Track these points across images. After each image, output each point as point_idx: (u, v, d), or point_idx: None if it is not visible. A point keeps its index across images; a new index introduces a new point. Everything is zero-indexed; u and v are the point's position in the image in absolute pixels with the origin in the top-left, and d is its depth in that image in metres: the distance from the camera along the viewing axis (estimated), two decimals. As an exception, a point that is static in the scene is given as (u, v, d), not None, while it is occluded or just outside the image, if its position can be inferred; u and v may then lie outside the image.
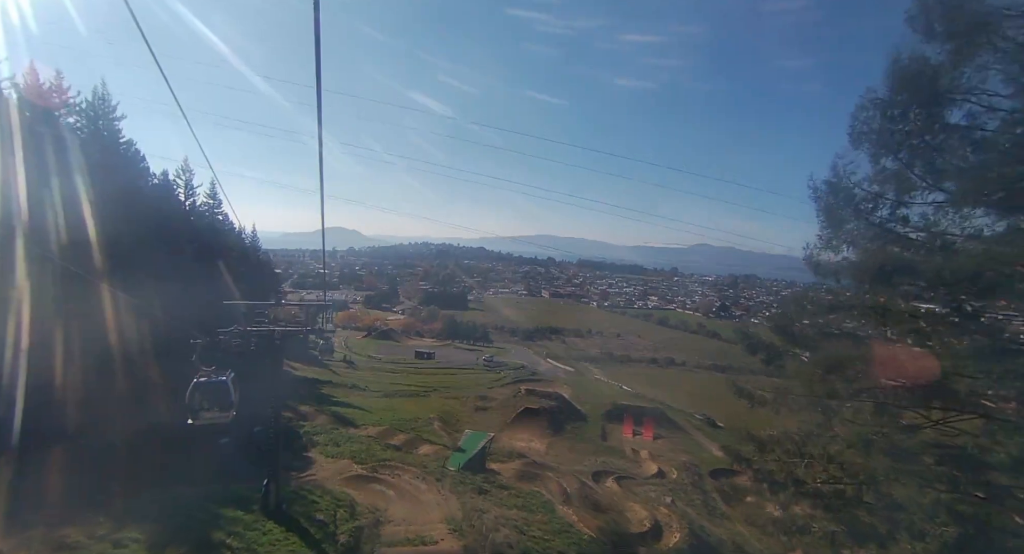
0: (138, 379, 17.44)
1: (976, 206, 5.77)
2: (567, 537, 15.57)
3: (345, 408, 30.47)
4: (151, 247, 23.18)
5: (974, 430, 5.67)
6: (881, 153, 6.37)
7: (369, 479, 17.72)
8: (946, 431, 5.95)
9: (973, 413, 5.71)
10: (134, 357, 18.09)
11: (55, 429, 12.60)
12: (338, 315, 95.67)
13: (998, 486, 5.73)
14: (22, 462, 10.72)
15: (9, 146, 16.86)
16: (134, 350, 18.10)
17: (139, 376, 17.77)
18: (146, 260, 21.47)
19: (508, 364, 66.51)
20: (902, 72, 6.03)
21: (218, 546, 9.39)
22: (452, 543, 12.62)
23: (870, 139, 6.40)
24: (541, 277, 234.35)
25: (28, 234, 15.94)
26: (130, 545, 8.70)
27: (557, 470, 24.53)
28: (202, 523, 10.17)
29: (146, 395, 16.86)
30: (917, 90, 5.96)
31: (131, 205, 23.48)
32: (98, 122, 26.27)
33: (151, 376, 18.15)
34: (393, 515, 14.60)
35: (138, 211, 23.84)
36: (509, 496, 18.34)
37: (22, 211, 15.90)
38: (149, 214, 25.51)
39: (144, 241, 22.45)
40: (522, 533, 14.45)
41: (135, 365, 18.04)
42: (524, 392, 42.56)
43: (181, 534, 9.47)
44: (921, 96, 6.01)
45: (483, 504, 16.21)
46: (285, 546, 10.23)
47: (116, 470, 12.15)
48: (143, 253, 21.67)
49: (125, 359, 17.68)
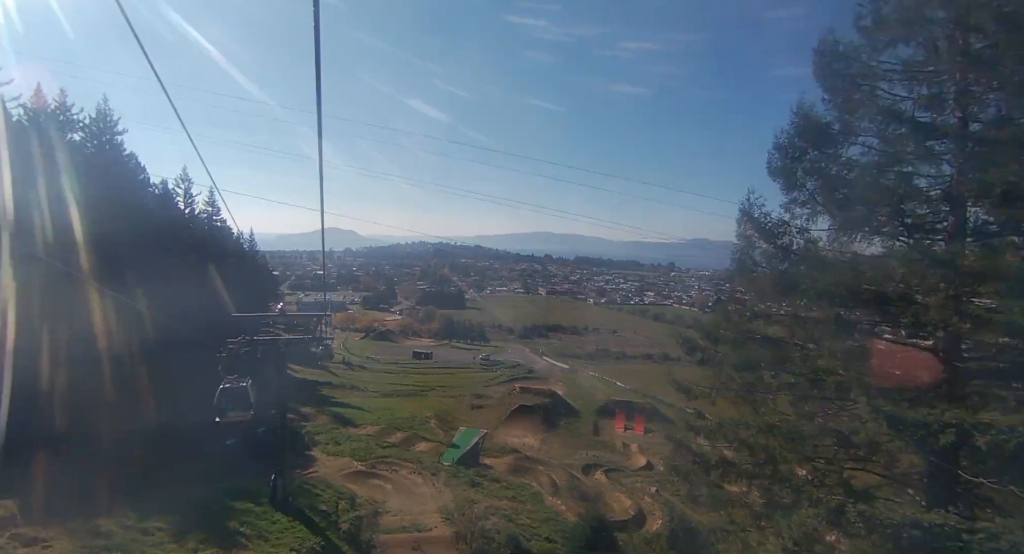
0: (151, 381, 18.54)
1: (855, 232, 6.95)
2: (553, 524, 16.78)
3: (345, 408, 31.61)
4: (156, 255, 24.27)
5: (856, 416, 6.84)
6: (788, 186, 7.56)
7: (368, 474, 18.91)
8: (838, 418, 7.14)
9: (848, 402, 6.92)
10: (144, 360, 19.24)
11: (79, 430, 13.70)
12: (336, 317, 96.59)
13: (861, 458, 7.03)
14: (51, 461, 11.83)
15: (21, 164, 17.89)
16: (144, 353, 19.26)
17: (151, 378, 18.87)
18: (152, 268, 22.54)
19: (504, 363, 67.66)
20: (802, 120, 7.22)
21: (233, 534, 10.55)
22: (444, 530, 13.83)
23: (780, 173, 7.58)
24: (538, 275, 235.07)
25: (45, 245, 17.06)
26: (156, 533, 9.85)
27: (548, 464, 25.76)
28: (217, 515, 11.32)
29: (159, 397, 17.95)
30: (812, 136, 7.16)
31: (135, 216, 24.65)
32: (102, 137, 27.34)
33: (162, 378, 19.26)
34: (391, 507, 15.80)
35: (141, 221, 24.99)
36: (500, 488, 19.56)
37: (39, 223, 17.05)
38: (152, 223, 26.66)
39: (148, 249, 23.56)
40: (510, 521, 15.64)
41: (147, 367, 19.18)
42: (519, 390, 43.77)
43: (200, 524, 10.62)
44: (815, 140, 7.20)
45: (475, 495, 17.41)
46: (292, 534, 11.40)
47: (134, 469, 13.27)
48: (148, 261, 22.76)
49: (136, 362, 18.85)
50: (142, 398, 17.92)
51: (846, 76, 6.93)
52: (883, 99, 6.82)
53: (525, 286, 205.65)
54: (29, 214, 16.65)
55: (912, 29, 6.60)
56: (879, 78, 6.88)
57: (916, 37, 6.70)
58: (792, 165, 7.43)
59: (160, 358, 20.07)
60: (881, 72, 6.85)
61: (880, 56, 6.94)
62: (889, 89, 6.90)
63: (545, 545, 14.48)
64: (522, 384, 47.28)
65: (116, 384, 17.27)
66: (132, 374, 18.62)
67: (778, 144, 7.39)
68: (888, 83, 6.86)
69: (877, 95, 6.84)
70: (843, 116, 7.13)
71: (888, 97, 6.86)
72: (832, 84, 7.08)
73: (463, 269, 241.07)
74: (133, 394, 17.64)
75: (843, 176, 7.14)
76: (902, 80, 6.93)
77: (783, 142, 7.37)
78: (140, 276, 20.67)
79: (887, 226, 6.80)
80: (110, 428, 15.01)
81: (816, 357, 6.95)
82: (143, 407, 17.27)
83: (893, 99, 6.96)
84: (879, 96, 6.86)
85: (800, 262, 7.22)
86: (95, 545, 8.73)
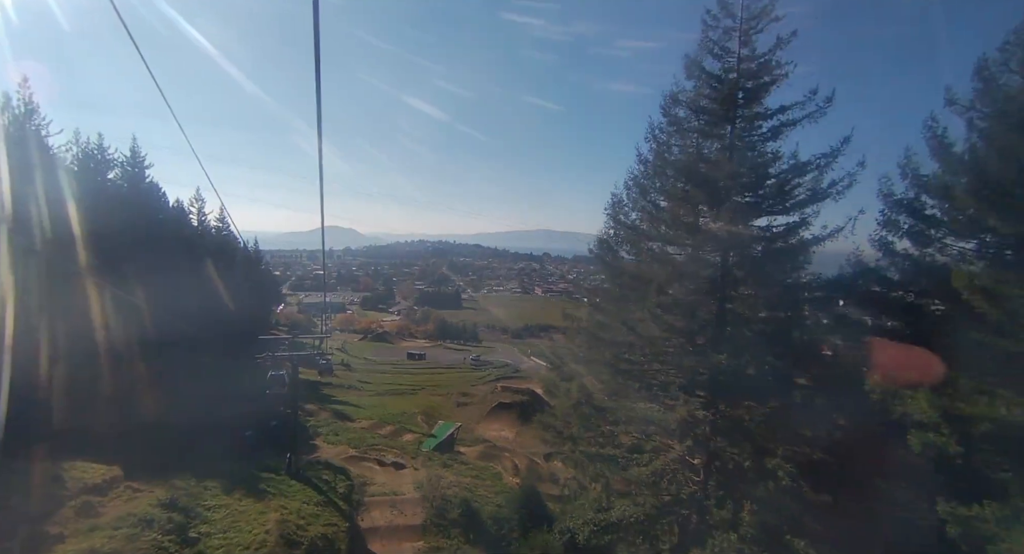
0: (183, 380, 23.13)
1: (674, 245, 11.25)
2: (505, 496, 21.36)
3: (343, 405, 36.17)
4: (178, 266, 29.08)
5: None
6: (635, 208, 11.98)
7: (361, 458, 23.50)
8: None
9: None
10: (174, 359, 23.95)
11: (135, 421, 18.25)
12: (336, 318, 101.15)
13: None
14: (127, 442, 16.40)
15: (71, 198, 22.47)
16: (172, 353, 23.95)
17: (184, 377, 23.47)
18: (177, 279, 27.41)
19: (493, 363, 72.05)
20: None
21: (262, 491, 15.10)
22: (414, 495, 18.48)
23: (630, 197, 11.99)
24: (535, 274, 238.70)
25: (86, 263, 21.68)
26: (211, 488, 14.40)
27: (514, 452, 30.34)
28: (249, 479, 15.86)
29: (191, 395, 22.51)
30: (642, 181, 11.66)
31: (159, 235, 29.52)
32: (135, 170, 31.92)
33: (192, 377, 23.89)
34: (376, 481, 20.43)
35: (164, 239, 29.77)
36: (467, 469, 24.16)
37: (80, 243, 21.66)
38: (171, 239, 31.35)
39: (171, 262, 28.31)
40: (469, 492, 20.24)
41: (179, 367, 23.87)
42: (500, 388, 48.29)
43: (238, 484, 15.17)
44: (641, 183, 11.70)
45: (444, 473, 22.03)
46: (303, 493, 15.98)
47: (181, 451, 17.83)
48: (173, 273, 27.57)
49: (170, 361, 23.55)
50: (179, 396, 22.53)
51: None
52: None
53: (522, 285, 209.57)
54: (67, 235, 21.17)
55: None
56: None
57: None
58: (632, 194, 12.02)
59: (188, 357, 24.89)
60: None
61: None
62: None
63: (491, 508, 19.09)
64: (504, 383, 51.74)
65: (159, 382, 21.91)
66: (169, 373, 23.28)
67: (630, 177, 11.96)
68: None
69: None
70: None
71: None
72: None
73: (461, 268, 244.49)
74: (171, 392, 22.23)
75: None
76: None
77: (631, 176, 11.95)
78: (168, 287, 25.52)
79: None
80: (158, 421, 19.60)
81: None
82: (181, 403, 21.83)
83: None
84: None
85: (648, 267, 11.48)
86: (177, 493, 13.33)
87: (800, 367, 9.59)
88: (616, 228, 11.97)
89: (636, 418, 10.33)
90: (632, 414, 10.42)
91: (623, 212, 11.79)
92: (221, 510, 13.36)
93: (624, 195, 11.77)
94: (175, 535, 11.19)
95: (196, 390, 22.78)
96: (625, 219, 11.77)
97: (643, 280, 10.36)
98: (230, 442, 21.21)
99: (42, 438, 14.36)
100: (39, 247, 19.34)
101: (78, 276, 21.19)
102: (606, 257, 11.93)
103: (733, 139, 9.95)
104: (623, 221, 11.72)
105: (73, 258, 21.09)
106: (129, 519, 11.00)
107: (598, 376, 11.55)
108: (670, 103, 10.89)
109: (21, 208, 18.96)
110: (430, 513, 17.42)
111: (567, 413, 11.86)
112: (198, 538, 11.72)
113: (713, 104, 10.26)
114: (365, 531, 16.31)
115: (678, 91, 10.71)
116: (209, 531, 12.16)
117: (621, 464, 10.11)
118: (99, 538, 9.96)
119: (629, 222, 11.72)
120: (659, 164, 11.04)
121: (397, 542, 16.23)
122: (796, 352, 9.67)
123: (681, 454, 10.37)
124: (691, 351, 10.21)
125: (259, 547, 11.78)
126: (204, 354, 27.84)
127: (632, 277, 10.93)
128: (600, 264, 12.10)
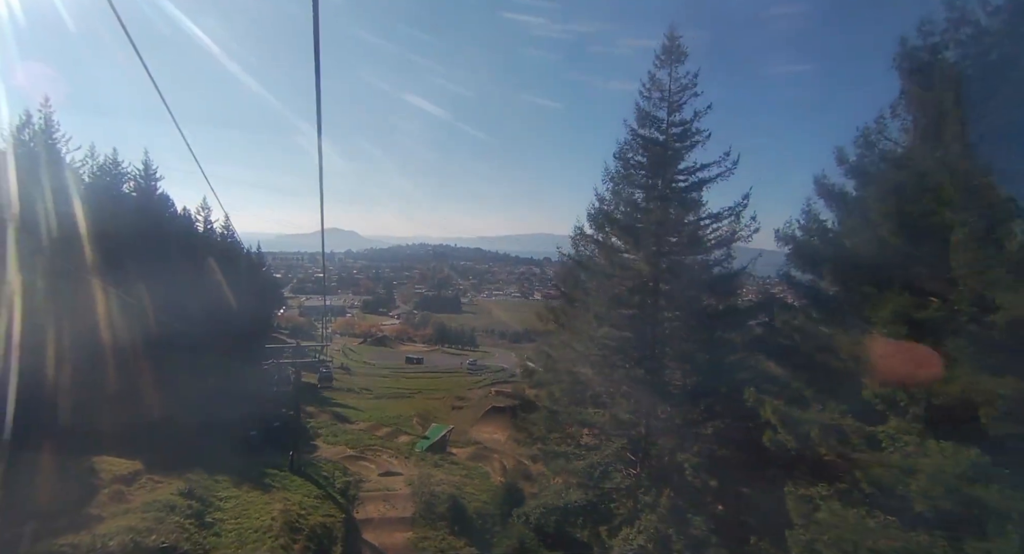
0: (194, 382, 24.85)
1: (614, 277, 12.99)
2: (491, 493, 23.01)
3: (342, 408, 37.86)
4: (186, 273, 30.94)
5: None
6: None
7: (358, 458, 25.19)
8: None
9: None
10: (182, 361, 25.71)
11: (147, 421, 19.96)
12: (336, 322, 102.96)
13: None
14: (144, 439, 18.10)
15: (88, 211, 24.26)
16: (180, 355, 25.71)
17: (194, 379, 25.18)
18: (186, 285, 29.24)
19: (490, 367, 73.42)
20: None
21: (267, 485, 16.83)
22: (406, 491, 20.17)
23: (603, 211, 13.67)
24: (535, 278, 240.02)
25: (100, 269, 23.45)
26: (222, 481, 16.14)
27: (504, 453, 31.96)
28: (256, 474, 17.59)
29: (200, 398, 24.22)
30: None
31: (168, 243, 31.39)
32: (147, 183, 33.81)
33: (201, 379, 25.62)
34: (372, 478, 22.11)
35: (173, 247, 31.64)
36: (457, 469, 25.81)
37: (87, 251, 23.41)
38: (179, 247, 33.22)
39: (179, 269, 30.17)
40: (457, 489, 21.90)
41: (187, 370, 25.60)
42: (495, 393, 49.90)
43: (245, 478, 16.89)
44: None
45: (434, 472, 23.70)
46: (304, 488, 17.70)
47: (194, 448, 19.53)
48: (182, 279, 29.42)
49: (176, 361, 25.29)
50: (186, 396, 24.23)
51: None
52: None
53: (522, 290, 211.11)
54: (83, 244, 22.92)
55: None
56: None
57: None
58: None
59: (194, 359, 26.68)
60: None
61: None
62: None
63: (477, 504, 20.75)
64: (499, 388, 53.27)
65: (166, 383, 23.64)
66: (175, 374, 25.01)
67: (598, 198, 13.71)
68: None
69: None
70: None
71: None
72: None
73: (462, 272, 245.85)
74: (178, 392, 23.92)
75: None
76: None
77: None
78: (175, 292, 27.34)
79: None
80: (167, 420, 21.30)
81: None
82: (188, 404, 23.52)
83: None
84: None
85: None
86: (193, 485, 15.07)
87: (711, 378, 11.37)
88: (576, 257, 13.70)
89: (585, 421, 12.01)
90: (582, 418, 12.11)
91: (583, 243, 13.56)
92: (232, 500, 15.10)
93: (585, 226, 13.59)
94: (194, 519, 12.93)
95: (202, 391, 24.51)
96: (584, 250, 13.54)
97: (591, 303, 12.09)
98: (236, 441, 22.90)
99: (51, 435, 16.04)
100: (48, 251, 21.12)
101: (90, 281, 23.07)
102: (567, 280, 13.69)
103: (663, 190, 11.74)
104: (582, 252, 13.49)
105: (88, 265, 22.95)
106: (155, 504, 12.72)
107: (560, 384, 13.23)
108: (622, 151, 12.70)
109: (31, 217, 20.64)
110: (420, 507, 19.11)
111: (537, 417, 13.60)
112: (213, 523, 13.47)
113: (647, 161, 12.17)
114: (360, 522, 18.01)
115: (624, 146, 12.57)
116: (223, 517, 13.90)
117: (571, 460, 11.80)
118: (132, 519, 11.66)
119: (588, 252, 13.48)
120: (607, 207, 12.88)
121: (389, 532, 17.91)
122: (706, 368, 11.48)
123: (621, 450, 12.10)
124: (626, 366, 11.93)
125: (267, 531, 13.50)
126: (209, 356, 29.65)
127: (582, 300, 12.65)
128: (562, 286, 13.87)
